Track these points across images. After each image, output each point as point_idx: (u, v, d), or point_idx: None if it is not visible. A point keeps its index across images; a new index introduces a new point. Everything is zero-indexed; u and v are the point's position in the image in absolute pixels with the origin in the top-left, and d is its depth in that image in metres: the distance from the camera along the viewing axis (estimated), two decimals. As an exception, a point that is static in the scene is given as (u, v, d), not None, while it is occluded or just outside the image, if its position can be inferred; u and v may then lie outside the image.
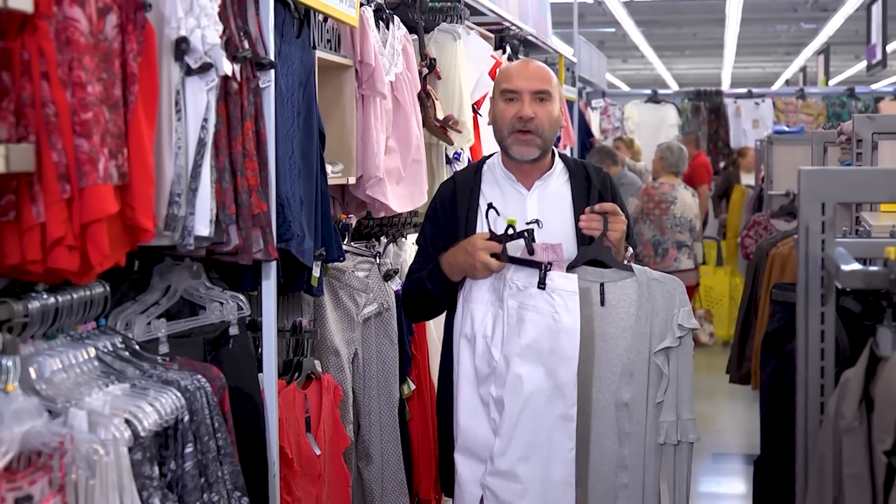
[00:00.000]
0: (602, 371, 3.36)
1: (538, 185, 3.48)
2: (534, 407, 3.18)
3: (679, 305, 3.35)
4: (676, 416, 3.37)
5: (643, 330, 3.34)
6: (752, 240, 7.61)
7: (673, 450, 3.39)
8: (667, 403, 3.36)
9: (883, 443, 2.11)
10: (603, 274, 3.36)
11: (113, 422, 2.13)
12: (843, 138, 4.40)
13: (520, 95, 3.41)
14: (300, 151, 3.36)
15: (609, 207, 3.33)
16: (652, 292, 3.35)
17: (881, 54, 9.80)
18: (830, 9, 14.48)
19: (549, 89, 3.44)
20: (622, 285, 3.36)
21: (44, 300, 2.23)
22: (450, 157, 5.04)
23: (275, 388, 3.12)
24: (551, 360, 3.18)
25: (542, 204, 3.46)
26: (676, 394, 3.37)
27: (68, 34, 2.08)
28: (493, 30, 6.38)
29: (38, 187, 2.05)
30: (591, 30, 15.74)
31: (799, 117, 13.66)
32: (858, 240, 2.80)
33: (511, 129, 3.42)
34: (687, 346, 3.38)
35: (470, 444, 3.29)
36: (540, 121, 3.41)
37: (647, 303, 3.34)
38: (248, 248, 2.85)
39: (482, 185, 3.50)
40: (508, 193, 3.48)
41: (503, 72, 3.56)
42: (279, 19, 3.23)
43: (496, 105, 3.48)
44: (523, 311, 3.20)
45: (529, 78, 3.43)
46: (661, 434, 3.37)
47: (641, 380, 3.35)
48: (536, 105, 3.41)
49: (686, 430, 3.38)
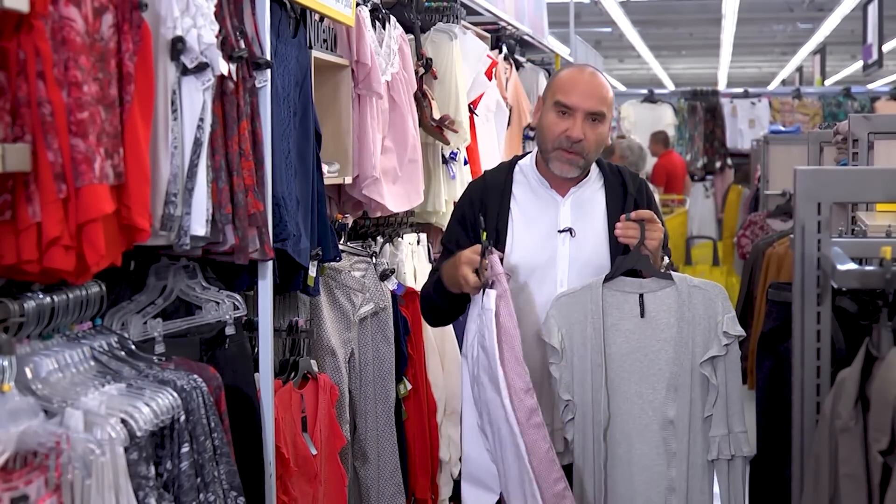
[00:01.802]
0: (643, 388, 3.18)
1: (573, 192, 3.34)
2: (501, 437, 3.07)
3: (722, 312, 3.16)
4: (728, 429, 3.16)
5: (686, 341, 3.15)
6: (749, 239, 7.62)
7: (727, 465, 3.17)
8: (716, 416, 3.16)
9: (879, 442, 2.11)
10: (641, 284, 3.19)
11: (109, 421, 2.13)
12: (839, 138, 4.40)
13: (574, 113, 3.23)
14: (296, 151, 3.36)
15: (646, 215, 3.17)
16: (692, 300, 3.16)
17: (877, 54, 9.81)
18: (827, 9, 14.49)
19: (605, 111, 3.27)
20: (661, 295, 3.17)
21: (40, 300, 2.23)
22: (446, 156, 5.04)
23: (271, 387, 3.12)
24: (488, 384, 3.07)
25: (576, 211, 3.32)
26: (726, 405, 3.16)
27: (64, 34, 2.08)
28: (489, 29, 6.38)
29: (34, 187, 2.05)
30: (588, 29, 15.75)
31: (795, 117, 13.68)
32: (854, 239, 2.80)
33: (557, 144, 3.25)
34: (734, 355, 3.18)
35: (474, 471, 3.23)
36: (588, 142, 3.23)
37: (688, 312, 3.16)
38: (245, 248, 2.84)
39: (514, 187, 3.36)
40: (542, 198, 3.34)
41: (559, 80, 3.31)
42: (275, 19, 3.23)
43: (546, 114, 3.28)
44: (478, 335, 3.10)
45: (588, 97, 3.24)
46: (714, 450, 3.16)
47: (686, 394, 3.16)
48: (588, 126, 3.23)
49: (739, 443, 3.17)
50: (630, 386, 3.19)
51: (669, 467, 3.17)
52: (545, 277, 3.29)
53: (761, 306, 5.98)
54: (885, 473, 2.11)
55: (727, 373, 3.18)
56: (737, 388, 3.19)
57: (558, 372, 3.19)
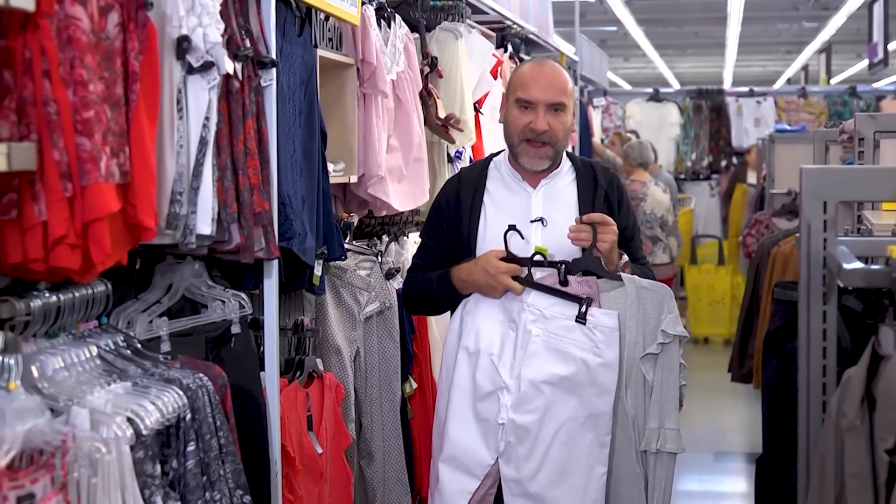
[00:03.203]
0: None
1: (544, 184, 3.44)
2: (567, 435, 3.24)
3: (666, 312, 3.29)
4: (659, 424, 3.30)
5: (635, 339, 3.29)
6: (754, 238, 7.61)
7: (654, 458, 3.32)
8: (650, 411, 3.29)
9: (885, 441, 2.11)
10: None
11: (115, 420, 2.13)
12: (844, 137, 4.40)
13: (534, 106, 3.34)
14: (302, 150, 3.36)
15: (597, 217, 3.29)
16: (642, 301, 3.29)
17: (883, 53, 9.79)
18: (832, 7, 14.46)
19: (565, 100, 3.37)
20: (614, 295, 3.30)
21: (46, 298, 2.23)
22: (451, 155, 5.04)
23: (276, 386, 3.12)
24: (588, 392, 3.24)
25: (548, 202, 3.42)
26: (660, 401, 3.29)
27: (70, 33, 2.08)
28: (494, 28, 6.37)
29: (40, 186, 2.05)
30: (593, 28, 15.73)
31: (800, 116, 13.66)
32: (860, 238, 2.80)
33: (522, 136, 3.37)
34: (672, 354, 3.30)
35: (459, 456, 3.31)
36: (553, 132, 3.35)
37: (637, 312, 3.29)
38: (250, 247, 2.85)
39: (487, 182, 3.47)
40: (514, 191, 3.45)
41: (519, 76, 3.45)
42: (281, 18, 3.23)
43: (510, 110, 3.41)
44: (555, 341, 3.24)
45: (545, 89, 3.35)
46: (643, 441, 3.31)
47: (638, 391, 3.30)
48: (551, 116, 3.34)
49: (666, 439, 3.30)
50: None
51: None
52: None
53: (767, 305, 5.98)
54: (892, 472, 2.10)
55: (664, 370, 3.30)
56: (673, 386, 3.31)
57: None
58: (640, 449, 3.31)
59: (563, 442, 3.24)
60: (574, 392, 3.24)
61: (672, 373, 3.30)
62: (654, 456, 3.32)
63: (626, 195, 3.56)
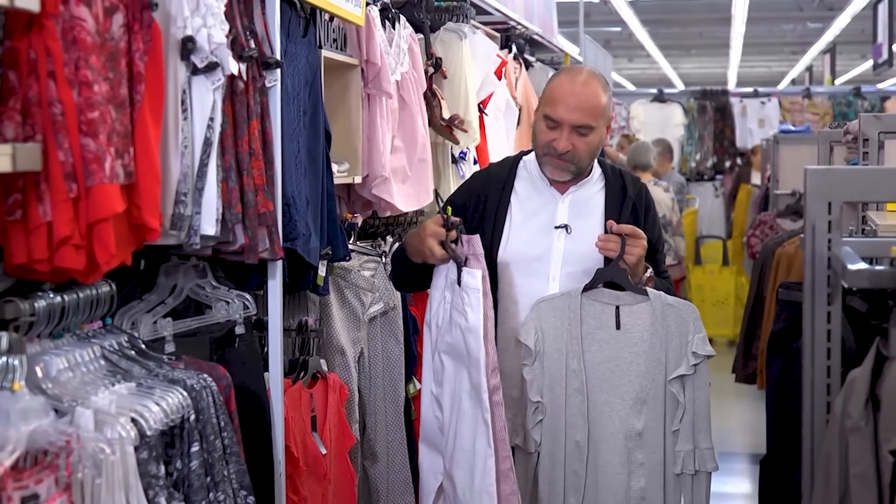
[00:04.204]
0: (612, 398, 3.24)
1: (572, 191, 3.38)
2: (461, 409, 3.13)
3: (693, 332, 3.22)
4: (693, 445, 3.23)
5: (657, 356, 3.21)
6: (758, 239, 7.61)
7: (690, 480, 3.25)
8: (683, 432, 3.22)
9: (889, 442, 2.11)
10: (618, 297, 3.24)
11: (119, 421, 2.13)
12: (849, 137, 4.40)
13: (560, 126, 3.26)
14: (306, 151, 3.36)
15: (627, 229, 3.21)
16: (666, 317, 3.22)
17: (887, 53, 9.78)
18: (836, 8, 14.45)
19: (591, 122, 3.26)
20: (637, 309, 3.23)
21: (50, 299, 2.23)
22: (455, 156, 5.04)
23: (281, 387, 3.12)
24: (466, 360, 3.11)
25: (574, 210, 3.37)
26: (693, 422, 3.23)
27: (75, 33, 2.08)
28: (498, 29, 6.38)
29: (45, 186, 2.05)
30: (597, 29, 15.73)
31: (805, 116, 13.66)
32: (865, 239, 2.80)
33: (546, 151, 3.31)
34: (702, 374, 3.24)
35: (429, 435, 3.27)
36: (576, 152, 3.28)
37: (661, 328, 3.21)
38: (254, 248, 2.85)
39: (516, 181, 3.42)
40: (542, 194, 3.39)
41: (551, 89, 3.33)
42: (285, 18, 3.23)
43: (538, 120, 3.34)
44: (451, 308, 3.14)
45: (573, 110, 3.24)
46: (678, 464, 3.23)
47: (657, 408, 3.22)
48: (575, 137, 3.26)
49: (704, 459, 3.24)
50: (600, 395, 3.24)
51: (632, 478, 3.22)
52: (537, 271, 3.34)
53: (771, 306, 5.97)
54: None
55: (695, 390, 3.24)
56: (704, 406, 3.26)
57: (531, 374, 3.24)
58: (675, 472, 3.23)
59: (459, 416, 3.14)
60: (461, 360, 3.13)
61: (702, 391, 3.24)
62: (691, 477, 3.24)
63: (654, 207, 3.51)
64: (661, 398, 3.23)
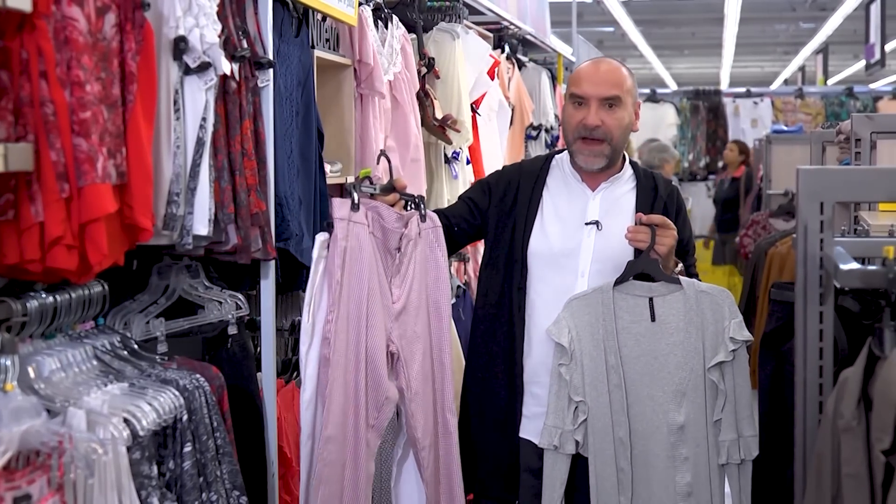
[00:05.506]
0: (654, 391, 3.19)
1: (604, 187, 3.39)
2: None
3: (729, 317, 3.18)
4: (737, 433, 3.18)
5: (694, 346, 3.17)
6: (751, 239, 7.61)
7: (737, 469, 3.19)
8: (725, 421, 3.16)
9: (881, 442, 2.11)
10: (651, 288, 3.20)
11: (111, 421, 2.13)
12: (841, 138, 4.40)
13: (587, 101, 3.29)
14: (299, 150, 3.36)
15: (657, 219, 3.20)
16: (700, 305, 3.18)
17: (880, 53, 9.81)
18: (829, 8, 14.48)
19: (620, 94, 3.29)
20: (671, 299, 3.19)
21: (42, 299, 2.23)
22: (448, 156, 5.03)
23: (273, 387, 3.12)
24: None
25: (605, 206, 3.37)
26: (735, 410, 3.18)
27: (67, 33, 2.08)
28: (491, 29, 6.37)
29: (37, 186, 2.05)
30: (590, 29, 15.75)
31: (797, 116, 13.69)
32: (857, 239, 2.80)
33: (577, 134, 3.31)
34: (741, 360, 3.19)
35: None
36: (608, 128, 3.29)
37: (696, 317, 3.17)
38: (247, 248, 2.85)
39: (548, 178, 3.43)
40: (573, 190, 3.40)
41: (575, 74, 3.40)
42: (278, 18, 3.23)
43: (565, 108, 3.37)
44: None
45: (599, 83, 3.29)
46: (723, 454, 3.17)
47: (697, 399, 3.16)
48: (604, 112, 3.28)
49: (749, 447, 3.18)
50: (642, 389, 3.19)
51: (677, 473, 3.17)
52: (567, 267, 3.33)
53: (764, 306, 5.98)
54: (888, 473, 2.10)
55: (735, 377, 3.19)
56: (746, 393, 3.20)
57: (569, 374, 3.19)
58: (720, 462, 3.18)
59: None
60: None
61: (743, 378, 3.19)
62: (737, 467, 3.19)
63: (685, 209, 3.51)
64: (702, 388, 3.17)
